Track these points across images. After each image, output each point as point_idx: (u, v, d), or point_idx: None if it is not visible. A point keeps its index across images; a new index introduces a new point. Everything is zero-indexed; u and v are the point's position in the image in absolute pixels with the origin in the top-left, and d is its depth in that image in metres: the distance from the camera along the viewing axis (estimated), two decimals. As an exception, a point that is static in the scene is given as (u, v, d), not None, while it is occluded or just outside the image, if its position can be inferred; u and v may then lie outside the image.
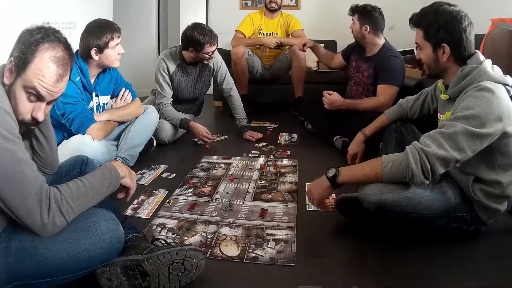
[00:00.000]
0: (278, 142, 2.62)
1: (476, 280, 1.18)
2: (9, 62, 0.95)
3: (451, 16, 1.24)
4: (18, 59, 0.93)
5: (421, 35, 1.31)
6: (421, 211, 1.23)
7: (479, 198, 1.26)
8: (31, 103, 0.96)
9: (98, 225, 0.97)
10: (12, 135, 0.87)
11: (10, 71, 0.94)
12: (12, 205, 0.86)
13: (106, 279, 1.04)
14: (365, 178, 1.26)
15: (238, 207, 1.64)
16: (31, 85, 0.93)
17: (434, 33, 1.27)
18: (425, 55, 1.33)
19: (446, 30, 1.25)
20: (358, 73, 2.53)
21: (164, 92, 2.53)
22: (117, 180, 1.10)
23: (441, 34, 1.26)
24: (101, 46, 1.77)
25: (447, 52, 1.27)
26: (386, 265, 1.24)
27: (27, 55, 0.93)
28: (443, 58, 1.29)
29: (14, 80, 0.94)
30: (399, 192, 1.22)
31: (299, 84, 3.34)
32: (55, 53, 0.96)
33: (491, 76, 1.21)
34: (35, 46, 0.94)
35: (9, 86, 0.94)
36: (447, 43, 1.26)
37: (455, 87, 1.27)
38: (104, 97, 1.99)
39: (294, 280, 1.16)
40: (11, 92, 0.94)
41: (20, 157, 0.88)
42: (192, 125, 2.51)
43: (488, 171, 1.24)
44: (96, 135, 1.81)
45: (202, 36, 2.33)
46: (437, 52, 1.29)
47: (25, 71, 0.93)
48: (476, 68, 1.22)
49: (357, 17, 2.41)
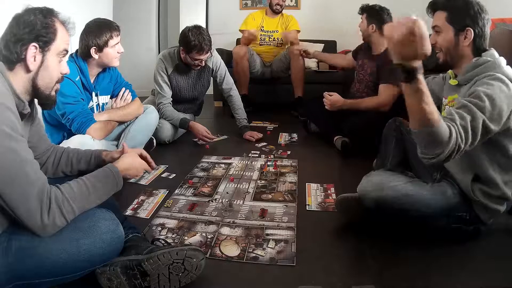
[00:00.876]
0: (278, 142, 2.62)
1: (476, 280, 1.18)
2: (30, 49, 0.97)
3: (479, 6, 1.24)
4: (42, 39, 0.98)
5: (443, 18, 1.29)
6: (421, 208, 1.23)
7: (479, 198, 1.26)
8: (59, 63, 1.05)
9: (98, 225, 0.97)
10: (15, 132, 0.87)
11: (34, 57, 0.98)
12: (13, 204, 0.86)
13: (106, 279, 1.04)
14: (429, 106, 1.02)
15: (238, 207, 1.64)
16: (63, 48, 1.04)
17: (461, 16, 1.26)
18: (444, 38, 1.30)
19: (474, 15, 1.24)
20: (362, 70, 2.57)
21: (163, 92, 2.53)
22: (120, 182, 1.10)
23: (468, 19, 1.25)
24: (101, 45, 1.77)
25: (469, 38, 1.25)
26: (386, 265, 1.24)
27: (50, 30, 1.00)
28: (464, 43, 1.27)
29: (43, 58, 1.00)
30: (399, 189, 1.22)
31: (298, 84, 3.35)
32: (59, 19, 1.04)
33: (504, 71, 1.20)
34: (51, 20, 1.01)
35: (40, 65, 1.00)
36: (472, 28, 1.25)
37: (466, 74, 1.26)
38: (103, 97, 1.99)
39: (294, 280, 1.16)
40: (43, 67, 1.00)
41: (23, 156, 0.88)
42: (192, 125, 2.51)
43: (487, 169, 1.24)
44: (96, 135, 1.81)
45: (194, 40, 2.30)
46: (458, 36, 1.27)
47: (54, 42, 1.01)
48: (491, 61, 1.22)
49: (365, 16, 2.46)
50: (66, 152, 1.25)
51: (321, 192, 1.79)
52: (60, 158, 1.23)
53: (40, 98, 1.04)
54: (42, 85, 1.01)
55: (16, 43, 0.95)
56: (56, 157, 1.23)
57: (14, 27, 0.97)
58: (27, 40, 0.96)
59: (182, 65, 2.53)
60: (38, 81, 1.00)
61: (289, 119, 3.30)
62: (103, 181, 1.05)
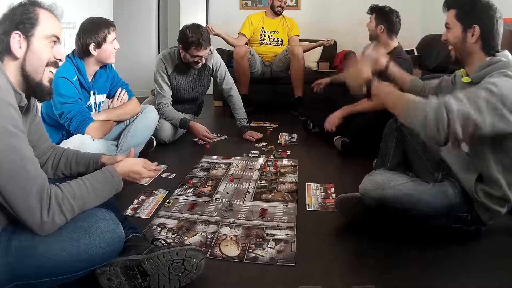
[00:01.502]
0: (278, 142, 2.62)
1: (476, 280, 1.18)
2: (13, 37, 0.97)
3: (487, 4, 1.26)
4: (24, 26, 0.98)
5: (453, 15, 1.32)
6: (422, 208, 1.23)
7: (481, 199, 1.25)
8: (52, 49, 1.04)
9: (98, 225, 0.96)
10: (16, 128, 0.87)
11: (19, 43, 0.98)
12: (13, 201, 0.86)
13: (106, 279, 1.03)
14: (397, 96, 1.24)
15: (238, 207, 1.64)
16: (51, 34, 1.02)
17: (467, 14, 1.28)
18: (453, 35, 1.33)
19: (481, 13, 1.26)
20: None
21: (163, 92, 2.53)
22: (120, 185, 1.10)
23: (474, 16, 1.26)
24: (99, 41, 1.78)
25: (476, 34, 1.26)
26: (386, 265, 1.24)
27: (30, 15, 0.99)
28: (471, 40, 1.28)
29: (28, 43, 0.99)
30: (400, 188, 1.22)
31: (298, 84, 3.35)
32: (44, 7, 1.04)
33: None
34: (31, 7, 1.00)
35: (26, 51, 0.99)
36: (478, 25, 1.26)
37: (480, 71, 1.26)
38: (100, 96, 1.99)
39: (294, 280, 1.16)
40: (30, 52, 0.99)
41: (24, 153, 0.87)
42: (191, 125, 2.51)
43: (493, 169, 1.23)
44: (94, 134, 1.81)
45: (192, 36, 2.31)
46: (466, 33, 1.29)
47: (38, 26, 1.00)
48: (506, 61, 1.22)
49: (374, 16, 2.45)
50: (66, 153, 1.25)
51: (321, 192, 1.78)
52: (59, 160, 1.23)
53: (31, 87, 1.02)
54: (31, 70, 1.00)
55: (1, 34, 0.97)
56: (56, 158, 1.23)
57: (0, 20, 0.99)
58: (9, 30, 0.97)
59: (182, 65, 2.53)
60: (27, 67, 0.99)
61: (289, 119, 3.30)
62: (102, 182, 1.05)
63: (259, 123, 3.14)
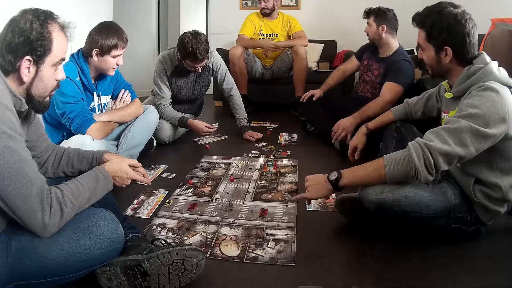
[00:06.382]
0: (278, 142, 2.62)
1: (476, 280, 1.18)
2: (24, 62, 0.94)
3: (455, 20, 1.22)
4: (36, 53, 0.96)
5: (423, 37, 1.30)
6: (421, 210, 1.23)
7: (480, 200, 1.25)
8: (55, 72, 1.03)
9: (98, 225, 0.97)
10: (13, 131, 0.87)
11: (28, 69, 0.96)
12: (13, 204, 0.86)
13: (106, 279, 1.04)
14: (369, 179, 1.24)
15: (238, 207, 1.64)
16: (60, 58, 1.02)
17: (437, 36, 1.26)
18: (427, 56, 1.32)
19: (449, 33, 1.23)
20: (369, 71, 2.56)
21: (162, 93, 2.53)
22: (110, 182, 1.12)
23: (443, 37, 1.24)
24: (104, 49, 1.75)
25: (449, 55, 1.26)
26: (386, 265, 1.24)
27: (45, 43, 0.96)
28: (445, 60, 1.28)
29: (37, 70, 0.98)
30: (399, 192, 1.21)
31: (300, 84, 3.34)
32: (59, 25, 1.01)
33: (496, 77, 1.20)
34: (47, 31, 0.97)
35: (34, 77, 0.98)
36: (450, 46, 1.25)
37: (460, 86, 1.26)
38: (105, 97, 1.99)
39: (294, 280, 1.16)
40: (37, 78, 0.99)
41: (22, 156, 0.88)
42: (191, 122, 2.51)
43: (488, 173, 1.24)
44: (95, 135, 1.81)
45: (189, 48, 2.24)
46: (439, 54, 1.28)
47: (50, 54, 0.98)
48: (482, 68, 1.21)
49: (373, 19, 2.44)
50: (67, 152, 1.26)
51: (321, 192, 1.78)
52: (60, 158, 1.23)
53: (34, 104, 1.03)
54: (36, 94, 1.01)
55: (10, 53, 0.93)
56: (57, 157, 1.23)
57: (9, 34, 0.94)
58: (21, 53, 0.94)
59: (181, 66, 2.52)
60: (33, 90, 1.00)
61: (289, 119, 3.30)
62: (95, 182, 1.06)
63: (259, 123, 3.14)
